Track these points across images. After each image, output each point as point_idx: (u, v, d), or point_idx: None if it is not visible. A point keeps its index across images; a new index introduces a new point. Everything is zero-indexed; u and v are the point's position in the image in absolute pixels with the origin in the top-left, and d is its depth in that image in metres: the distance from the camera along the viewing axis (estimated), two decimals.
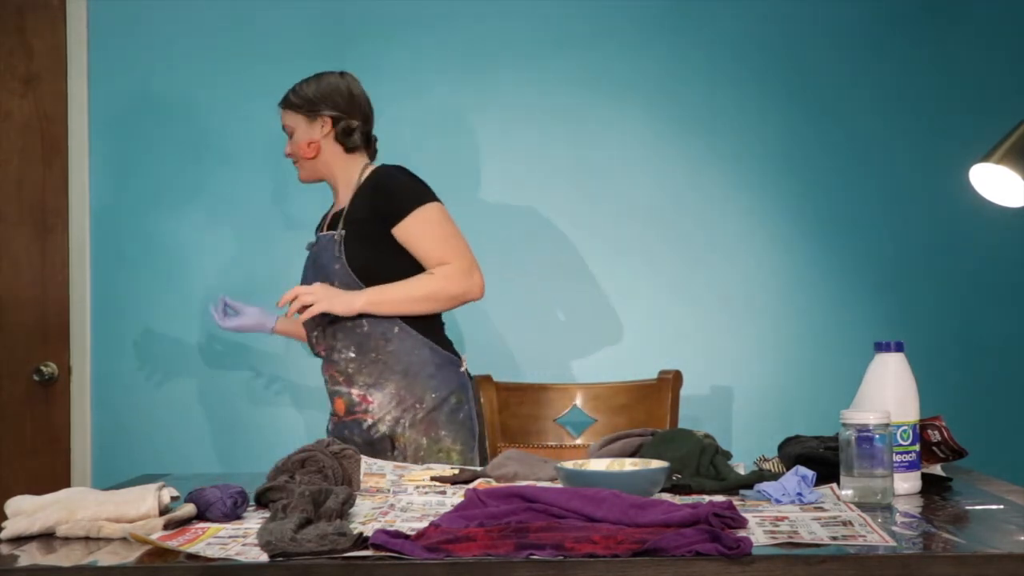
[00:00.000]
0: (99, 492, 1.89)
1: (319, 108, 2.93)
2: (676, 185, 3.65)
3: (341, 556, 1.59)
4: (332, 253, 2.85)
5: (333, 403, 2.90)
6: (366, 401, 2.84)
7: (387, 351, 2.83)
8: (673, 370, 3.11)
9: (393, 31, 3.65)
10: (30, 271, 3.65)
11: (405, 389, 2.83)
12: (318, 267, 2.89)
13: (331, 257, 2.85)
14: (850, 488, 1.96)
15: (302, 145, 2.94)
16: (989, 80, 3.63)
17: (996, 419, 3.59)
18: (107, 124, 3.64)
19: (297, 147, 2.96)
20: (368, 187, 2.88)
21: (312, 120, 2.93)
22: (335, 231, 2.87)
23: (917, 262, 3.63)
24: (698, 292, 3.64)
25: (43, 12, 3.66)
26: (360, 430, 2.84)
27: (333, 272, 2.83)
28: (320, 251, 2.90)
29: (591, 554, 1.56)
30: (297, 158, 2.98)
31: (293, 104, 2.95)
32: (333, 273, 2.83)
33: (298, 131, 2.95)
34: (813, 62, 3.64)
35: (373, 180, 2.89)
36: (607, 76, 3.65)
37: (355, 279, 2.81)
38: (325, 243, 2.89)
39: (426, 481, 2.24)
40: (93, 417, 3.62)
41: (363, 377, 2.84)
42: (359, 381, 2.84)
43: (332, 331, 2.85)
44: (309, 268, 2.94)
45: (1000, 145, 2.66)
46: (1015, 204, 2.71)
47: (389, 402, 2.82)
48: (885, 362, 2.10)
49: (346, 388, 2.86)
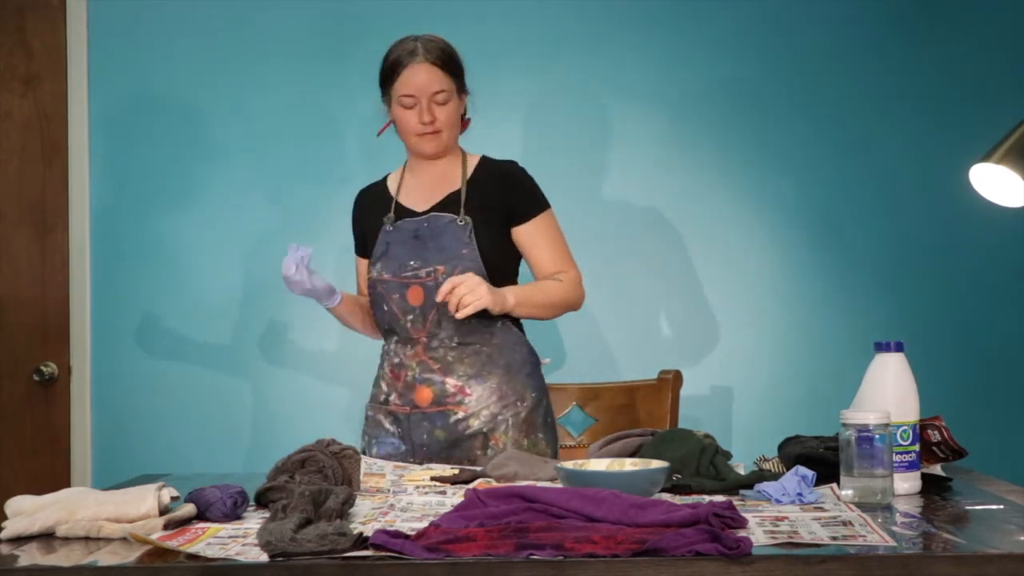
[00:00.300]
0: (99, 492, 1.89)
1: (464, 85, 2.73)
2: (676, 185, 3.65)
3: (341, 556, 1.59)
4: (459, 238, 2.66)
5: (414, 392, 2.67)
6: (463, 392, 2.66)
7: (492, 343, 2.69)
8: (673, 370, 3.10)
9: (393, 31, 3.63)
10: (30, 271, 3.65)
11: (507, 385, 2.68)
12: (435, 249, 2.68)
13: (458, 242, 2.66)
14: (850, 488, 1.96)
15: (455, 116, 2.71)
16: (989, 80, 3.63)
17: (996, 419, 3.59)
18: (107, 124, 3.64)
19: (451, 116, 2.70)
20: (497, 178, 2.74)
21: (460, 93, 2.72)
22: (455, 215, 2.68)
23: (917, 262, 3.63)
24: (698, 292, 3.64)
25: (43, 12, 3.66)
26: (445, 423, 2.65)
27: (459, 257, 2.65)
28: (438, 232, 2.68)
29: (591, 554, 1.56)
30: (440, 128, 2.69)
31: (452, 69, 2.70)
32: (459, 258, 2.65)
33: (453, 100, 2.69)
34: (813, 62, 3.64)
35: (504, 172, 2.75)
36: (607, 76, 3.65)
37: (483, 269, 2.64)
38: (446, 226, 2.68)
39: (426, 481, 2.24)
40: (93, 417, 3.62)
41: (463, 367, 2.67)
42: (458, 371, 2.66)
43: (437, 317, 2.66)
44: (409, 245, 2.70)
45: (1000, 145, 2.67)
46: (1015, 204, 2.71)
47: (489, 396, 2.66)
48: (885, 362, 2.10)
49: (440, 377, 2.66)
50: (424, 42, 2.69)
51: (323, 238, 3.62)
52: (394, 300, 2.69)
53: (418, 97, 2.66)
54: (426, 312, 2.67)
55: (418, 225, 2.71)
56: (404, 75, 2.67)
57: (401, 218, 2.74)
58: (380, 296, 2.72)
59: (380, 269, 2.72)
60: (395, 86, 2.69)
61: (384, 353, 2.79)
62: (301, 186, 3.65)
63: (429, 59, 2.66)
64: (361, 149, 3.60)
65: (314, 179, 3.64)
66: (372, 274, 2.74)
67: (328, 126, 3.64)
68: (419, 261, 2.68)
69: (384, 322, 2.75)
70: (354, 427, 3.54)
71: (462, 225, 2.68)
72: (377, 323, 2.79)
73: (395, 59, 2.69)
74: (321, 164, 3.64)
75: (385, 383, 2.75)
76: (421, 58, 2.66)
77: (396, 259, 2.70)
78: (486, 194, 2.72)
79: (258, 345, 3.63)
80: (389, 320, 2.72)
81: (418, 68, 2.66)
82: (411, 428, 2.68)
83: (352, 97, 3.62)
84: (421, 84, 2.66)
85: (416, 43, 2.69)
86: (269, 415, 3.63)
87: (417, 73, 2.66)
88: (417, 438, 2.67)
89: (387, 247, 2.73)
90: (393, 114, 2.73)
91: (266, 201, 3.64)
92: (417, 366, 2.69)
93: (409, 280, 2.68)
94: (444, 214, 2.70)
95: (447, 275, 2.62)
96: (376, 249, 2.75)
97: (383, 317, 2.74)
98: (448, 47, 2.71)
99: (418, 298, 2.67)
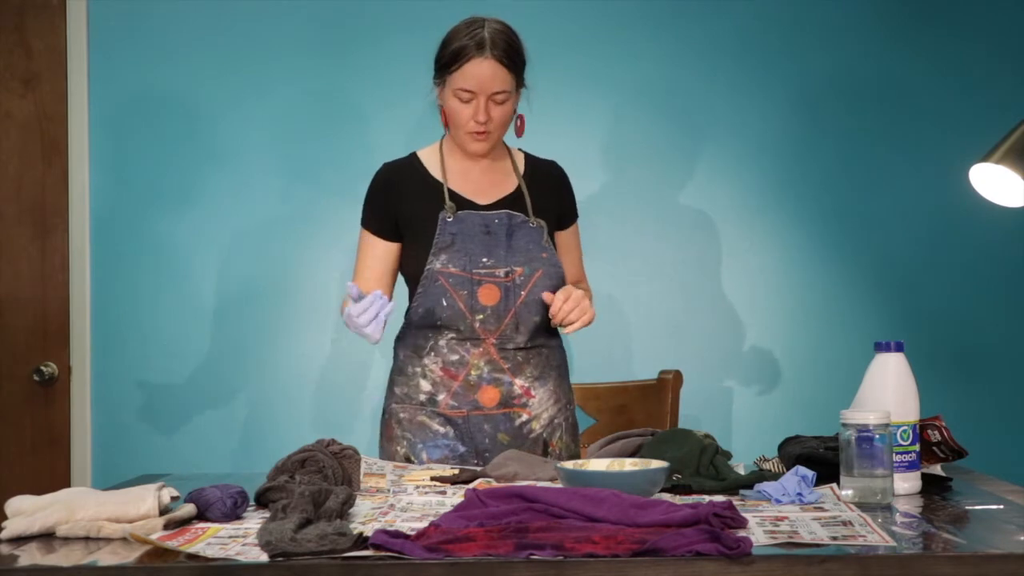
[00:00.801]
0: (99, 492, 1.89)
1: (522, 80, 2.57)
2: (675, 185, 3.65)
3: (341, 556, 1.59)
4: (536, 241, 2.58)
5: (478, 392, 2.55)
6: (528, 395, 2.58)
7: (550, 344, 2.65)
8: (673, 370, 3.11)
9: (393, 31, 3.65)
10: (30, 271, 3.65)
11: (559, 387, 2.65)
12: (512, 249, 2.57)
13: (536, 245, 2.58)
14: (850, 488, 1.96)
15: (510, 115, 2.57)
16: (989, 80, 3.63)
17: (996, 419, 3.59)
18: (107, 124, 3.64)
19: (506, 116, 2.55)
20: (548, 179, 2.69)
21: (518, 88, 2.56)
22: (522, 214, 2.59)
23: (917, 262, 3.63)
24: (698, 292, 3.64)
25: (43, 12, 3.65)
26: (509, 426, 2.57)
27: (539, 260, 2.57)
28: (512, 231, 2.57)
29: (591, 554, 1.56)
30: (493, 129, 2.55)
31: (517, 66, 2.53)
32: (539, 261, 2.56)
33: (511, 99, 2.53)
34: (813, 62, 3.64)
35: (553, 173, 2.71)
36: (607, 76, 3.65)
37: (563, 275, 2.59)
38: (520, 226, 2.58)
39: (426, 481, 2.24)
40: (93, 417, 3.62)
41: (530, 368, 2.59)
42: (526, 372, 2.58)
43: (515, 318, 2.55)
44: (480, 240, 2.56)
45: (1000, 145, 2.67)
46: (1015, 204, 2.72)
47: (548, 399, 2.61)
48: (885, 362, 2.10)
49: (509, 378, 2.56)
50: (492, 32, 2.49)
51: (323, 239, 3.63)
52: (461, 296, 2.53)
53: (477, 94, 2.50)
54: (499, 313, 2.55)
55: (488, 220, 2.57)
56: (466, 68, 2.48)
57: (461, 208, 2.59)
58: (442, 289, 2.53)
59: (446, 262, 2.54)
60: (453, 75, 2.50)
61: (425, 349, 2.59)
62: (301, 186, 3.65)
63: (495, 55, 2.47)
64: (362, 148, 3.59)
65: (314, 179, 3.64)
66: (434, 265, 2.54)
67: (329, 125, 3.64)
68: (494, 259, 2.55)
69: (439, 317, 2.55)
70: (354, 427, 3.55)
71: (535, 227, 2.60)
72: (419, 316, 2.58)
73: (459, 48, 2.49)
74: (321, 163, 3.63)
75: (430, 382, 2.59)
76: (488, 53, 2.47)
77: (466, 253, 2.54)
78: (541, 195, 2.65)
79: (258, 345, 3.63)
80: (449, 316, 2.54)
81: (482, 64, 2.48)
82: (471, 430, 2.56)
83: (353, 97, 3.63)
84: (483, 82, 2.49)
85: (483, 31, 2.48)
86: (269, 415, 3.62)
87: (481, 69, 2.48)
88: (480, 442, 2.57)
89: (452, 239, 2.55)
90: (445, 101, 2.56)
91: (266, 201, 3.64)
92: (485, 365, 2.55)
93: (483, 278, 2.54)
94: (515, 212, 2.59)
95: (525, 277, 2.55)
96: (438, 239, 2.55)
97: (440, 311, 2.54)
98: (515, 40, 2.53)
99: (492, 298, 2.54)
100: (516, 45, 2.52)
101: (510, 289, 2.55)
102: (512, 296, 2.54)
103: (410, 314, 2.61)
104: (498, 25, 2.51)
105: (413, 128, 3.59)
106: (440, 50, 2.54)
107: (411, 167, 2.66)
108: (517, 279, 2.55)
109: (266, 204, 3.64)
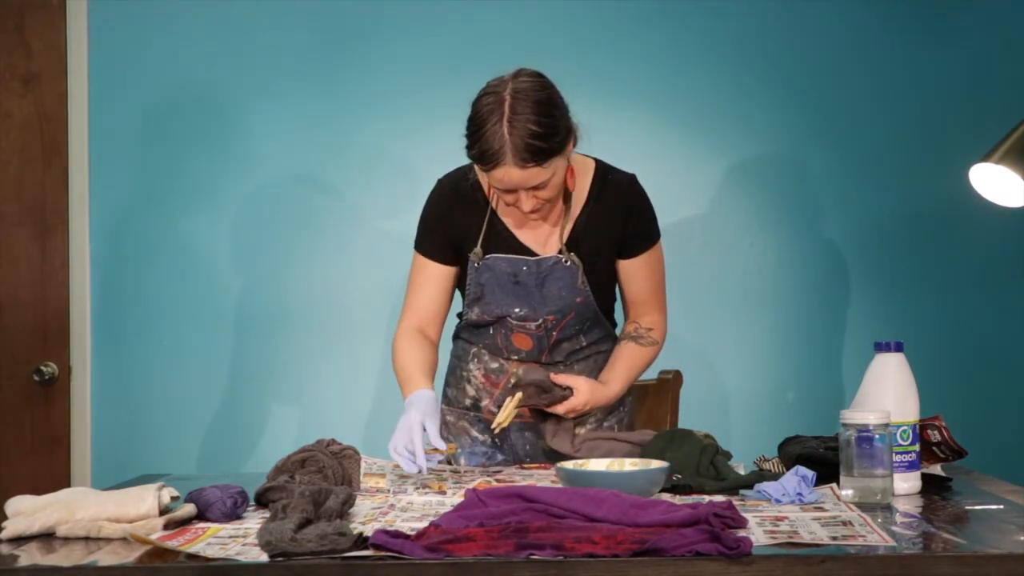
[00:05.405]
0: (99, 492, 1.89)
1: (569, 134, 2.32)
2: (675, 185, 3.65)
3: (341, 556, 1.59)
4: (570, 284, 2.44)
5: None
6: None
7: (601, 351, 2.59)
8: (673, 370, 3.10)
9: (393, 31, 3.65)
10: (30, 271, 3.65)
11: None
12: (549, 298, 2.45)
13: (571, 290, 2.44)
14: (850, 488, 1.96)
15: (561, 182, 2.36)
16: (989, 80, 3.63)
17: (996, 419, 3.58)
18: (107, 124, 3.64)
19: (556, 190, 2.34)
20: (617, 203, 2.47)
21: (564, 149, 2.31)
22: (566, 255, 2.43)
23: (917, 262, 3.63)
24: (698, 292, 3.64)
25: (43, 12, 3.65)
26: None
27: (572, 306, 2.46)
28: (543, 276, 2.44)
29: (591, 554, 1.56)
30: (545, 205, 2.35)
31: (547, 154, 2.25)
32: (572, 307, 2.46)
33: (557, 174, 2.31)
34: (813, 62, 3.64)
35: (625, 196, 2.48)
36: (606, 76, 3.64)
37: (598, 315, 2.50)
38: (552, 268, 2.43)
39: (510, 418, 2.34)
40: (93, 417, 3.62)
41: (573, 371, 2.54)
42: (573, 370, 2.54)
43: (550, 356, 2.51)
44: (509, 290, 2.45)
45: (1000, 145, 2.67)
46: (1015, 204, 2.72)
47: None
48: (885, 362, 2.10)
49: None
50: (511, 129, 2.22)
51: (323, 239, 3.62)
52: (500, 334, 2.52)
53: (515, 190, 2.32)
54: (533, 354, 2.53)
55: (516, 268, 2.43)
56: (495, 174, 2.27)
57: (495, 243, 2.44)
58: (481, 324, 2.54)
59: (479, 313, 2.50)
60: (484, 175, 2.35)
61: (469, 355, 2.60)
62: (301, 186, 3.64)
63: (518, 162, 2.24)
64: (363, 150, 3.59)
65: (314, 180, 3.63)
66: (470, 316, 2.53)
67: (329, 127, 3.63)
68: (526, 309, 2.47)
69: (482, 341, 2.56)
70: (354, 427, 3.55)
71: (568, 266, 2.43)
72: (464, 324, 2.59)
73: (480, 153, 2.26)
74: (322, 165, 3.63)
75: (474, 387, 2.58)
76: (511, 163, 2.24)
77: (497, 305, 2.47)
78: (603, 222, 2.46)
79: (258, 345, 3.62)
80: (488, 346, 2.55)
81: (510, 171, 2.25)
82: (511, 437, 2.56)
83: (355, 98, 3.62)
84: (515, 183, 2.28)
85: (502, 127, 2.23)
86: (269, 415, 3.62)
87: (510, 176, 2.26)
88: (520, 448, 2.57)
89: (481, 291, 2.47)
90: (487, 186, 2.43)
91: (266, 201, 3.64)
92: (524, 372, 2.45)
93: (515, 327, 2.50)
94: (556, 256, 2.43)
95: (557, 321, 2.47)
96: (469, 289, 2.49)
97: (481, 337, 2.56)
98: (539, 131, 2.23)
99: (526, 343, 2.51)
100: (541, 136, 2.24)
101: (542, 337, 2.52)
102: (545, 340, 2.52)
103: (462, 316, 2.60)
104: (519, 115, 2.24)
105: (413, 129, 3.59)
106: (467, 137, 2.31)
107: (468, 187, 2.48)
108: (549, 324, 2.50)
109: (266, 204, 3.64)
